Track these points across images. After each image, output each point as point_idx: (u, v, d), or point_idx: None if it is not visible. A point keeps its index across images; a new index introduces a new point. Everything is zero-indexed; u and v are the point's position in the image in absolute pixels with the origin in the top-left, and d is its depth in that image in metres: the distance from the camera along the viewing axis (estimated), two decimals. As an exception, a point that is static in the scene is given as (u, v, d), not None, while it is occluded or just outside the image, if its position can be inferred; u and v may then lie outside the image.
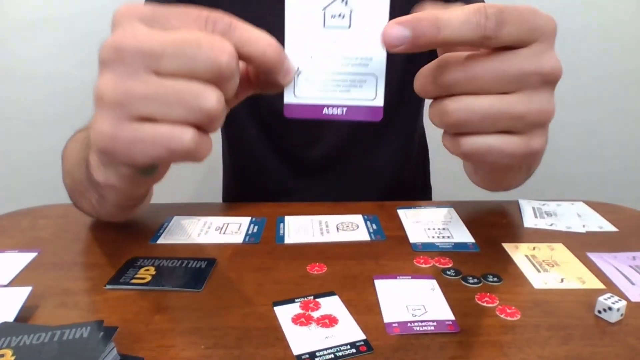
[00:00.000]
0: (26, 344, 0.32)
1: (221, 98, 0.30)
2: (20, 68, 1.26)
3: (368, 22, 0.34)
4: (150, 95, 0.29)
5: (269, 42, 0.31)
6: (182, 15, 0.30)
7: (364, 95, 0.35)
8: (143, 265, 0.49)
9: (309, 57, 0.35)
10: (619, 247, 0.53)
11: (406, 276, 0.47)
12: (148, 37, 0.29)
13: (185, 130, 0.30)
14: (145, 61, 0.29)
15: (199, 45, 0.29)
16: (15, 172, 1.34)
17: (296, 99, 0.35)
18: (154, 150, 0.30)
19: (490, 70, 0.30)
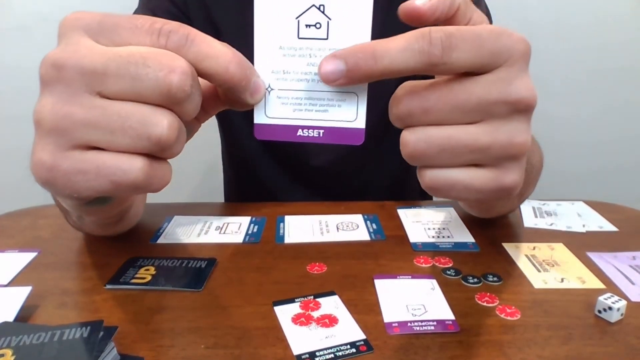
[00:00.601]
0: (26, 343, 0.32)
1: (174, 123, 0.26)
2: (20, 67, 1.26)
3: (348, 32, 0.30)
4: (93, 120, 0.26)
5: (232, 57, 0.28)
6: (133, 25, 0.27)
7: (343, 116, 0.31)
8: (143, 265, 0.49)
9: (281, 72, 0.31)
10: (619, 247, 0.53)
11: (406, 276, 0.47)
12: (90, 52, 0.26)
13: (133, 160, 0.27)
14: (87, 81, 0.26)
15: (145, 63, 0.25)
16: (15, 171, 1.34)
17: (267, 119, 0.32)
18: (97, 183, 0.27)
19: (447, 99, 0.27)
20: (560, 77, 1.35)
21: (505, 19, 1.30)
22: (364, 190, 0.76)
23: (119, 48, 0.26)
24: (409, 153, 0.28)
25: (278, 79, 0.31)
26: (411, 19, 0.29)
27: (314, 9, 0.30)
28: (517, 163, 0.29)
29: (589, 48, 1.33)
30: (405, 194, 0.79)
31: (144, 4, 0.68)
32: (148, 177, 0.27)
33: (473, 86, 0.27)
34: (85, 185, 0.27)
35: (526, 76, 0.28)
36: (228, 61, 0.27)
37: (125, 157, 0.27)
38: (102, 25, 0.27)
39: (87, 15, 0.27)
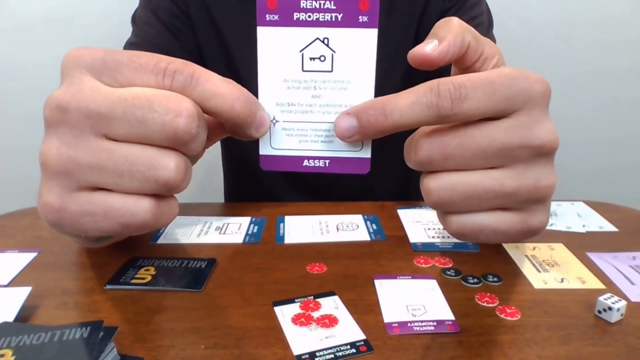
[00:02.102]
0: (26, 344, 0.32)
1: (181, 164, 0.26)
2: (21, 65, 1.26)
3: (352, 65, 0.30)
4: (99, 164, 0.26)
5: (237, 95, 0.27)
6: (136, 64, 0.26)
7: (348, 146, 0.31)
8: (143, 265, 0.49)
9: (286, 105, 0.31)
10: (619, 247, 0.53)
11: (406, 276, 0.47)
12: (95, 94, 0.26)
13: (140, 201, 0.26)
14: (92, 124, 0.26)
15: (151, 107, 0.25)
16: (15, 171, 1.34)
17: (273, 151, 0.32)
18: (105, 224, 0.27)
19: (468, 145, 0.27)
20: (560, 77, 1.35)
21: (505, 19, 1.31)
22: (366, 194, 0.76)
23: (124, 90, 0.26)
24: (433, 202, 0.28)
25: (283, 111, 0.31)
26: (422, 65, 0.29)
27: (318, 42, 0.30)
28: (544, 205, 0.29)
29: (588, 48, 1.33)
30: (408, 198, 0.79)
31: (144, 3, 0.67)
32: (156, 216, 0.27)
33: (494, 131, 0.27)
34: (94, 227, 0.27)
35: (547, 119, 0.28)
36: (234, 99, 0.27)
37: (133, 198, 0.26)
38: (105, 64, 0.26)
39: (89, 52, 0.27)
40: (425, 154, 0.27)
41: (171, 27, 0.66)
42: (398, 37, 0.66)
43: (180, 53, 0.66)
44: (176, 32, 0.66)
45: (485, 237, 0.28)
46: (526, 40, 1.30)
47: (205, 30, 0.67)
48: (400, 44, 0.67)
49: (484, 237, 0.28)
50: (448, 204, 0.27)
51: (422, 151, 0.27)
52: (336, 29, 0.30)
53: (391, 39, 0.66)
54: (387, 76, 0.66)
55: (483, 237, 0.28)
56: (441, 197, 0.27)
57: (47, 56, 1.27)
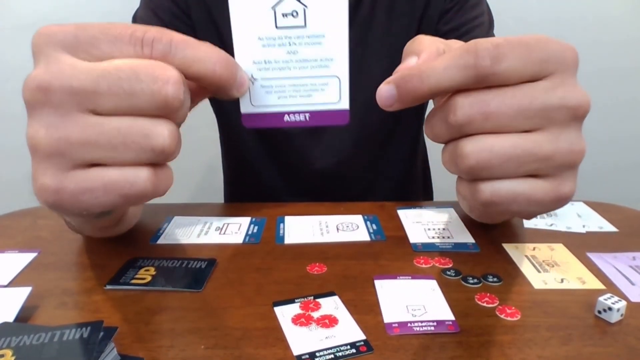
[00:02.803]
0: (26, 344, 0.32)
1: (173, 131, 0.27)
2: (21, 65, 1.26)
3: (325, 19, 0.30)
4: (91, 139, 0.26)
5: (217, 58, 0.28)
6: (111, 36, 0.26)
7: (327, 99, 0.32)
8: (143, 265, 0.49)
9: (262, 63, 0.31)
10: (619, 247, 0.53)
11: (406, 276, 0.47)
12: (76, 71, 0.25)
13: (138, 171, 0.26)
14: (78, 101, 0.25)
15: (138, 78, 0.25)
16: (15, 171, 1.34)
17: (254, 108, 0.32)
18: (106, 198, 0.27)
19: (511, 104, 0.26)
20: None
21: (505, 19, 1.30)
22: (366, 194, 0.76)
23: (106, 64, 0.26)
24: (470, 165, 0.27)
25: (260, 69, 0.31)
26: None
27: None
28: (574, 172, 0.29)
29: (588, 48, 1.33)
30: (407, 199, 0.79)
31: (145, 3, 0.68)
32: (155, 185, 0.27)
33: (533, 91, 0.26)
34: (95, 203, 0.27)
35: (577, 83, 0.28)
36: (214, 63, 0.27)
37: (131, 169, 0.26)
38: (79, 39, 0.26)
39: (60, 29, 0.26)
40: (466, 112, 0.27)
41: (171, 27, 0.66)
42: (398, 37, 0.66)
43: None
44: (176, 31, 0.66)
45: (517, 205, 0.28)
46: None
47: (206, 29, 0.67)
48: (400, 44, 0.67)
49: (517, 206, 0.28)
50: (486, 167, 0.27)
51: (462, 110, 0.27)
52: None
53: (391, 39, 0.66)
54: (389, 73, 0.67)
55: (515, 206, 0.28)
56: (480, 160, 0.27)
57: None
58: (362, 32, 0.66)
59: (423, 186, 0.87)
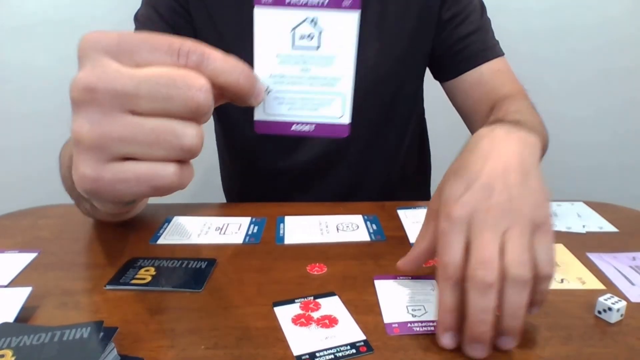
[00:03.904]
0: (26, 344, 0.32)
1: (200, 132, 0.30)
2: (20, 65, 1.26)
3: (336, 43, 0.34)
4: (129, 136, 0.29)
5: (241, 70, 0.31)
6: (151, 46, 0.29)
7: (331, 113, 0.36)
8: (143, 265, 0.49)
9: (278, 77, 0.35)
10: (619, 247, 0.53)
11: (406, 277, 0.47)
12: (120, 75, 0.28)
13: (167, 166, 0.30)
14: (120, 102, 0.29)
15: (175, 85, 0.28)
16: (15, 171, 1.34)
17: (266, 116, 0.36)
18: (138, 188, 0.30)
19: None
20: (560, 78, 1.35)
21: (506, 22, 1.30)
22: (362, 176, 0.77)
23: (146, 70, 0.29)
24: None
25: (275, 82, 0.35)
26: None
27: (307, 22, 0.34)
28: None
29: (588, 49, 1.33)
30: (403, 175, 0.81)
31: (147, 2, 0.70)
32: (180, 178, 0.30)
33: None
34: (129, 192, 0.30)
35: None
36: (239, 74, 0.30)
37: (160, 165, 0.30)
38: (121, 47, 0.29)
39: (104, 36, 0.29)
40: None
41: (171, 23, 0.69)
42: (393, 23, 0.69)
43: None
44: (176, 28, 0.69)
45: None
46: (526, 41, 1.30)
47: (204, 25, 0.69)
48: (395, 28, 0.70)
49: None
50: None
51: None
52: (323, 10, 0.33)
53: (386, 24, 0.69)
54: (384, 57, 0.70)
55: None
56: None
57: (47, 57, 1.27)
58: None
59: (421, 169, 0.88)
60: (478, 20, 0.72)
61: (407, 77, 0.74)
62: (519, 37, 1.28)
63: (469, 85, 0.72)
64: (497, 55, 0.72)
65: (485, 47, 0.72)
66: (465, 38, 0.71)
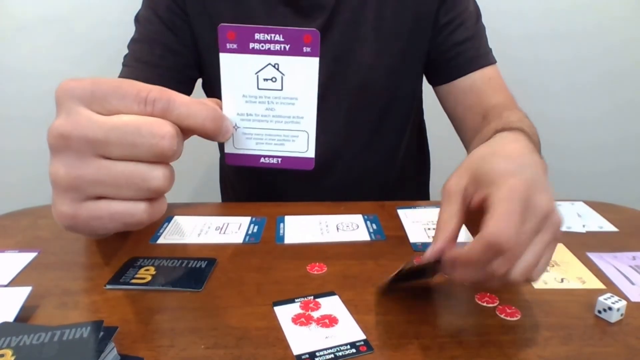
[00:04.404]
0: (26, 344, 0.32)
1: (167, 173, 0.32)
2: (20, 66, 1.26)
3: (298, 85, 0.37)
4: (100, 179, 0.32)
5: (206, 114, 0.33)
6: (120, 94, 0.32)
7: (296, 148, 0.39)
8: (143, 265, 0.49)
9: (245, 115, 0.38)
10: (619, 247, 0.53)
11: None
12: (91, 124, 0.31)
13: (137, 205, 0.32)
14: (92, 148, 0.31)
15: (140, 133, 0.31)
16: (15, 171, 1.34)
17: (235, 150, 0.39)
18: (111, 224, 0.33)
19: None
20: (560, 79, 1.35)
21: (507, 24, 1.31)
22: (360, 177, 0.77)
23: (115, 118, 0.31)
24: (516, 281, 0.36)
25: (243, 119, 0.38)
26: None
27: (270, 66, 0.36)
28: None
29: (588, 50, 1.33)
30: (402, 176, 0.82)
31: (146, 3, 0.71)
32: (150, 215, 0.33)
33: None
34: (102, 227, 0.34)
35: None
36: (204, 118, 0.33)
37: (131, 203, 0.32)
38: (94, 95, 0.32)
39: (78, 84, 0.32)
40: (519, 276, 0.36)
41: (169, 24, 0.70)
42: (390, 24, 0.69)
43: (178, 46, 0.70)
44: (174, 28, 0.70)
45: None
46: (526, 44, 1.30)
47: (201, 22, 0.70)
48: (391, 31, 0.70)
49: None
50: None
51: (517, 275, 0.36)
52: (285, 56, 0.36)
53: (383, 25, 0.69)
54: (380, 60, 0.70)
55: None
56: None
57: (47, 58, 1.27)
58: (354, 16, 0.68)
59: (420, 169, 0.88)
60: (473, 27, 0.72)
61: (405, 78, 0.74)
62: (519, 40, 1.28)
63: (460, 92, 0.72)
64: (490, 63, 0.72)
65: (478, 55, 0.72)
66: (459, 44, 0.71)
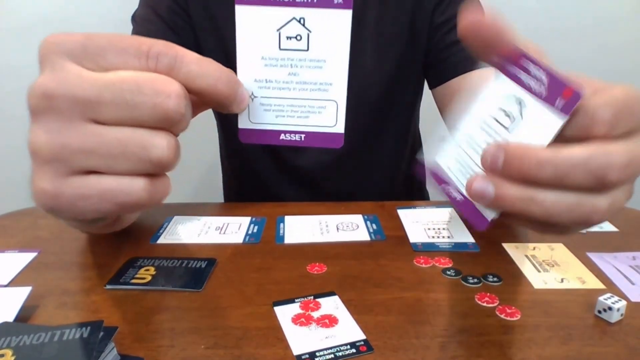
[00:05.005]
0: (26, 344, 0.32)
1: (172, 143, 0.27)
2: (21, 67, 1.26)
3: (327, 45, 0.31)
4: (90, 148, 0.26)
5: (219, 74, 0.28)
6: (118, 48, 0.26)
7: (323, 122, 0.33)
8: (143, 265, 0.49)
9: (264, 81, 0.32)
10: (619, 247, 0.53)
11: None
12: (81, 81, 0.26)
13: (134, 181, 0.27)
14: (81, 110, 0.26)
15: (140, 91, 0.25)
16: (15, 171, 1.34)
17: (252, 124, 0.33)
18: (102, 205, 0.27)
19: (628, 159, 0.27)
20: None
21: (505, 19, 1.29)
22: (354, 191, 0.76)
23: (110, 75, 0.26)
24: (601, 219, 0.29)
25: (261, 87, 0.32)
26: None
27: (294, 21, 0.31)
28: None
29: (589, 50, 1.33)
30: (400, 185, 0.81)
31: (145, 2, 0.69)
32: (151, 195, 0.27)
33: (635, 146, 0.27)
34: (91, 209, 0.27)
35: None
36: (216, 78, 0.28)
37: (127, 179, 0.27)
38: (87, 49, 0.26)
39: (68, 37, 0.26)
40: (621, 173, 0.26)
41: (170, 24, 0.68)
42: (390, 29, 0.68)
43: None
44: (175, 28, 0.68)
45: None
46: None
47: (204, 26, 0.68)
48: (392, 35, 0.69)
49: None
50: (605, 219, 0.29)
51: (617, 170, 0.26)
52: (312, 9, 0.30)
53: (384, 30, 0.68)
54: (380, 65, 0.69)
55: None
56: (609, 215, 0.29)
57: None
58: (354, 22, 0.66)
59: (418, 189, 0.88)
60: None
61: (405, 82, 0.73)
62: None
63: (456, 92, 0.71)
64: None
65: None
66: (455, 44, 0.70)
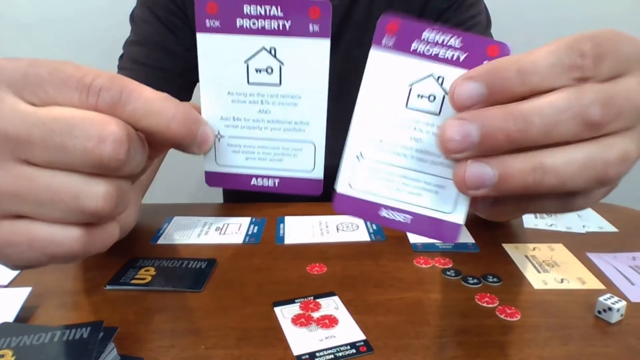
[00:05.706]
0: (26, 344, 0.32)
1: (110, 191, 0.24)
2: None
3: (302, 79, 0.28)
4: (19, 192, 0.23)
5: (174, 112, 0.25)
6: (58, 79, 0.24)
7: (300, 166, 0.29)
8: (143, 265, 0.49)
9: (231, 119, 0.29)
10: (619, 247, 0.53)
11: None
12: (13, 116, 0.23)
13: (67, 231, 0.24)
14: (11, 149, 0.23)
15: (71, 132, 0.23)
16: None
17: (219, 167, 0.30)
18: (30, 254, 0.24)
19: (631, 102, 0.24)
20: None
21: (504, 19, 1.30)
22: None
23: (44, 111, 0.23)
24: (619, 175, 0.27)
25: (228, 125, 0.29)
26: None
27: (264, 52, 0.27)
28: None
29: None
30: None
31: (142, 2, 0.68)
32: (86, 246, 0.25)
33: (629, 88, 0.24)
34: (19, 257, 0.25)
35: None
36: (169, 118, 0.25)
37: (59, 227, 0.24)
38: (27, 79, 0.24)
39: (10, 65, 0.24)
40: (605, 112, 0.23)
41: (168, 24, 0.67)
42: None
43: (178, 48, 0.67)
44: (173, 29, 0.67)
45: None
46: (524, 39, 1.30)
47: None
48: None
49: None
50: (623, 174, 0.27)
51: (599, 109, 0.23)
52: (284, 38, 0.27)
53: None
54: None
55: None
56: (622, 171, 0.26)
57: (46, 56, 1.27)
58: (359, 34, 0.66)
59: None
60: (482, 34, 0.71)
61: None
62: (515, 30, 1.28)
63: None
64: None
65: None
66: None
